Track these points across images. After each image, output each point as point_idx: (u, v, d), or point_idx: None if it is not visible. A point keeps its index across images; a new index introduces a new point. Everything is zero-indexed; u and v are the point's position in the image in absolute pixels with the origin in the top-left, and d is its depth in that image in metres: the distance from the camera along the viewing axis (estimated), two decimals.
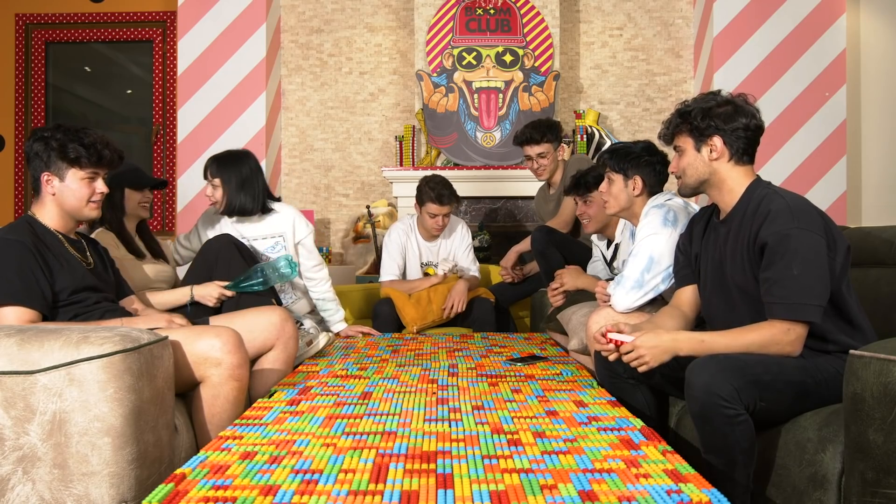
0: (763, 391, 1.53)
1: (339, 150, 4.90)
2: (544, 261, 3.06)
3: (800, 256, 1.58)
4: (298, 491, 1.15)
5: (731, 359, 1.57)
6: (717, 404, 1.49)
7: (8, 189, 5.04)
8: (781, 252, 1.60)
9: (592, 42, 4.84)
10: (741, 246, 1.71)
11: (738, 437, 1.50)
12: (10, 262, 1.76)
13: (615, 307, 2.17)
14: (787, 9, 4.35)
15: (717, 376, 1.51)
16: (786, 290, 1.58)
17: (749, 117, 1.74)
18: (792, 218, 1.61)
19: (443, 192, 3.22)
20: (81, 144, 1.88)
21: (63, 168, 1.89)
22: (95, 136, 1.93)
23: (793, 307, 1.58)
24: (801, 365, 1.60)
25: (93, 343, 1.43)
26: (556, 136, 3.34)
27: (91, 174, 1.92)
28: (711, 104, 1.76)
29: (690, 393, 1.55)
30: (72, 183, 1.90)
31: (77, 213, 1.94)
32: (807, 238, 1.59)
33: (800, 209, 1.64)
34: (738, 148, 1.75)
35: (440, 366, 2.26)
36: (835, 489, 1.40)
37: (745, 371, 1.53)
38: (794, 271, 1.58)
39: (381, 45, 4.88)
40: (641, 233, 2.17)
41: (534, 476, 1.21)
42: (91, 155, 1.89)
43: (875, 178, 4.46)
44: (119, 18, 5.00)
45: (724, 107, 1.75)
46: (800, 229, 1.60)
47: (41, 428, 1.40)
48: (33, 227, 1.88)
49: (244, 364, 1.83)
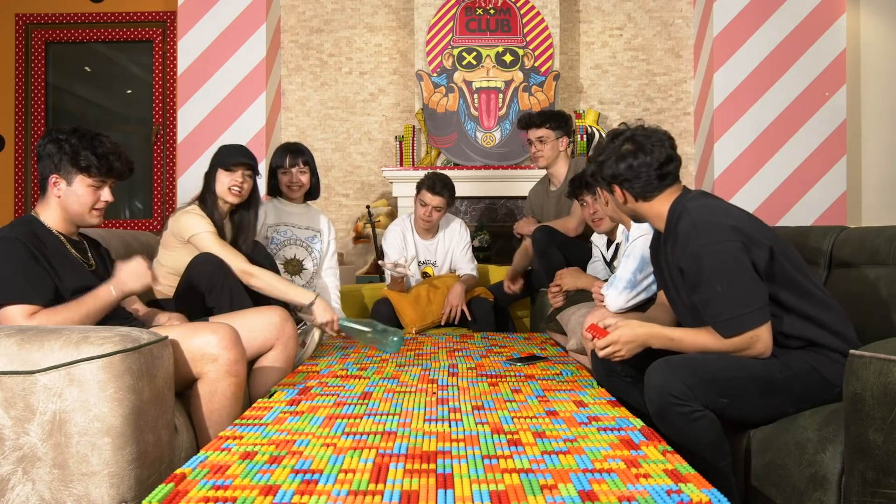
0: (723, 388, 1.55)
1: (339, 150, 4.90)
2: (545, 260, 3.04)
3: (716, 272, 1.58)
4: (298, 491, 1.15)
5: (686, 359, 1.61)
6: (671, 403, 1.53)
7: (8, 189, 5.04)
8: (697, 273, 1.61)
9: (592, 42, 4.84)
10: (674, 271, 1.75)
11: (698, 432, 1.53)
12: (12, 260, 1.76)
13: (609, 307, 2.18)
14: (787, 9, 4.34)
15: (669, 376, 1.55)
16: (718, 308, 1.59)
17: (648, 154, 1.71)
18: (697, 235, 1.61)
19: (436, 182, 3.23)
20: (94, 153, 1.88)
21: (72, 173, 1.89)
22: (109, 145, 1.93)
23: (731, 322, 1.58)
24: (765, 361, 1.61)
25: (93, 343, 1.43)
26: (559, 124, 3.25)
27: (98, 182, 1.92)
28: (603, 157, 1.77)
29: (647, 395, 1.59)
30: (78, 188, 1.90)
31: (79, 219, 1.94)
32: (716, 251, 1.58)
33: (703, 223, 1.62)
34: (644, 185, 1.73)
35: (440, 366, 2.26)
36: (835, 489, 1.40)
37: (698, 370, 1.56)
38: (717, 288, 1.58)
39: (381, 45, 4.88)
40: (634, 234, 2.19)
41: (534, 476, 1.21)
42: (102, 165, 1.89)
43: (875, 178, 4.46)
44: (119, 18, 4.99)
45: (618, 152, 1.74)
46: (707, 245, 1.59)
47: (41, 428, 1.40)
48: (34, 227, 1.88)
49: (241, 360, 1.83)
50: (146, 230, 4.72)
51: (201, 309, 2.26)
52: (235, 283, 2.32)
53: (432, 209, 3.26)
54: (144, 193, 5.11)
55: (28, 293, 1.76)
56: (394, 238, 3.39)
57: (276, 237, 2.97)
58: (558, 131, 3.25)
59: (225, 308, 2.24)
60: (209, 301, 2.26)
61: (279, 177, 3.01)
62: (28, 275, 1.77)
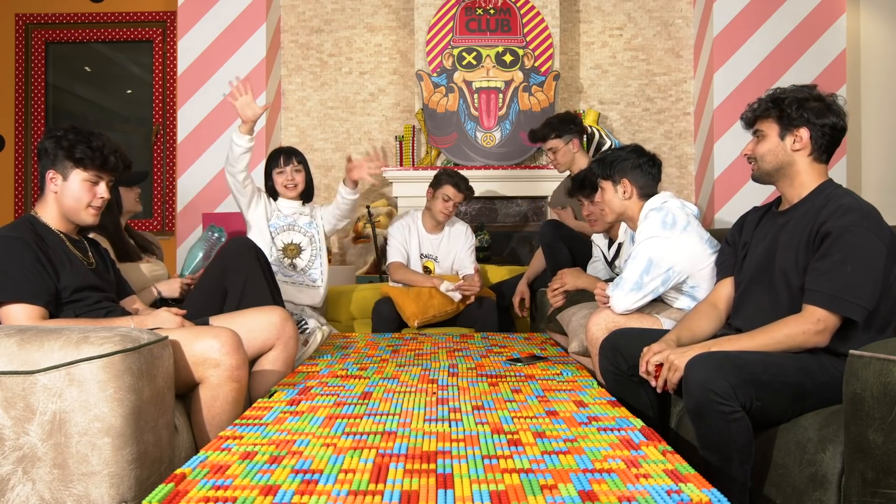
0: (760, 390, 1.53)
1: (339, 150, 4.90)
2: (551, 254, 3.05)
3: (857, 254, 1.58)
4: (298, 491, 1.15)
5: (730, 356, 1.57)
6: (713, 401, 1.49)
7: (8, 189, 5.04)
8: (840, 245, 1.60)
9: (592, 42, 4.84)
10: (800, 234, 1.71)
11: (734, 434, 1.50)
12: (13, 259, 1.77)
13: (614, 309, 2.17)
14: (787, 9, 4.35)
15: (713, 373, 1.51)
16: (833, 283, 1.58)
17: (838, 117, 1.74)
18: (862, 217, 1.61)
19: (461, 180, 3.41)
20: (89, 147, 1.89)
21: (68, 167, 1.89)
22: (105, 141, 1.94)
23: (835, 300, 1.57)
24: (803, 366, 1.59)
25: (93, 343, 1.43)
26: (563, 130, 3.28)
27: (94, 177, 1.92)
28: (805, 95, 1.76)
29: (687, 388, 1.55)
30: (74, 183, 1.90)
31: (75, 216, 1.93)
32: (869, 239, 1.59)
33: (871, 213, 1.64)
34: (822, 144, 1.75)
35: (440, 366, 2.26)
36: (835, 489, 1.40)
37: (742, 369, 1.53)
38: (847, 266, 1.57)
39: (381, 45, 4.88)
40: (640, 235, 2.18)
41: (534, 476, 1.21)
42: (96, 158, 1.90)
43: (875, 178, 4.46)
44: (119, 18, 4.99)
45: (817, 102, 1.74)
46: (865, 229, 1.59)
47: (41, 428, 1.40)
48: (34, 226, 1.88)
49: (243, 365, 1.82)
50: (146, 230, 4.72)
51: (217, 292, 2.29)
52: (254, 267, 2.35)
53: (453, 203, 3.40)
54: (144, 193, 5.09)
55: (29, 293, 1.76)
56: (397, 233, 3.46)
57: (276, 222, 3.06)
58: (566, 136, 3.29)
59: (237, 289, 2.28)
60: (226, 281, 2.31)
61: (274, 178, 3.08)
62: (29, 274, 1.77)
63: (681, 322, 1.92)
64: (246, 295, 2.33)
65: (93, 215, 1.94)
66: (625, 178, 2.27)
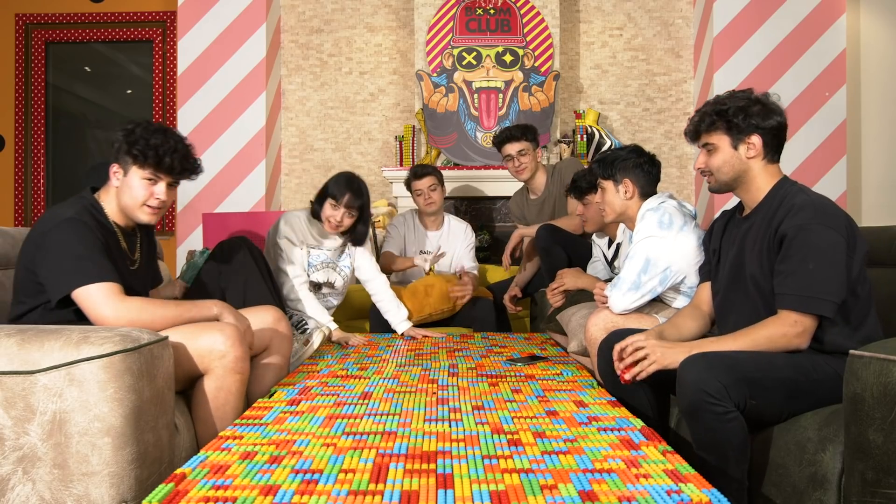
0: (753, 388, 1.53)
1: (339, 150, 4.90)
2: (548, 258, 3.06)
3: (817, 251, 1.59)
4: (298, 491, 1.15)
5: (722, 356, 1.57)
6: (706, 401, 1.50)
7: (8, 189, 5.04)
8: (798, 245, 1.61)
9: (592, 42, 4.84)
10: (761, 238, 1.72)
11: (729, 434, 1.51)
12: (82, 240, 1.75)
13: (612, 308, 2.17)
14: (787, 9, 4.35)
15: (705, 373, 1.52)
16: (799, 283, 1.59)
17: (780, 115, 1.76)
18: (815, 214, 1.62)
19: (418, 168, 3.43)
20: (147, 144, 1.86)
21: (128, 163, 1.88)
22: (169, 140, 1.88)
23: (805, 300, 1.58)
24: (795, 363, 1.60)
25: (93, 343, 1.43)
26: (534, 136, 3.40)
27: (151, 175, 1.88)
28: (745, 101, 1.76)
29: (680, 389, 1.56)
30: (132, 180, 1.88)
31: (131, 213, 1.91)
32: (826, 234, 1.60)
33: (824, 207, 1.65)
34: (772, 146, 1.77)
35: (440, 366, 2.26)
36: (835, 489, 1.40)
37: (734, 368, 1.53)
38: (809, 265, 1.58)
39: (381, 45, 4.88)
40: (638, 235, 2.18)
41: (534, 476, 1.21)
42: (150, 156, 1.86)
43: (875, 178, 4.46)
44: (119, 18, 4.99)
45: (758, 105, 1.75)
46: (821, 225, 1.61)
47: (41, 428, 1.40)
48: (94, 215, 1.86)
49: (245, 358, 1.84)
50: None
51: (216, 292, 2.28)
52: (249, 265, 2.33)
53: (427, 191, 3.39)
54: None
55: (106, 270, 1.74)
56: (395, 229, 3.49)
57: (311, 260, 2.89)
58: (534, 143, 3.40)
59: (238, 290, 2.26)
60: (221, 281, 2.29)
61: (326, 205, 2.81)
62: (98, 254, 1.75)
63: (667, 321, 1.95)
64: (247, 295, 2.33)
65: (149, 214, 1.90)
66: (627, 177, 2.27)
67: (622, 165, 2.28)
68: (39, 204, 5.05)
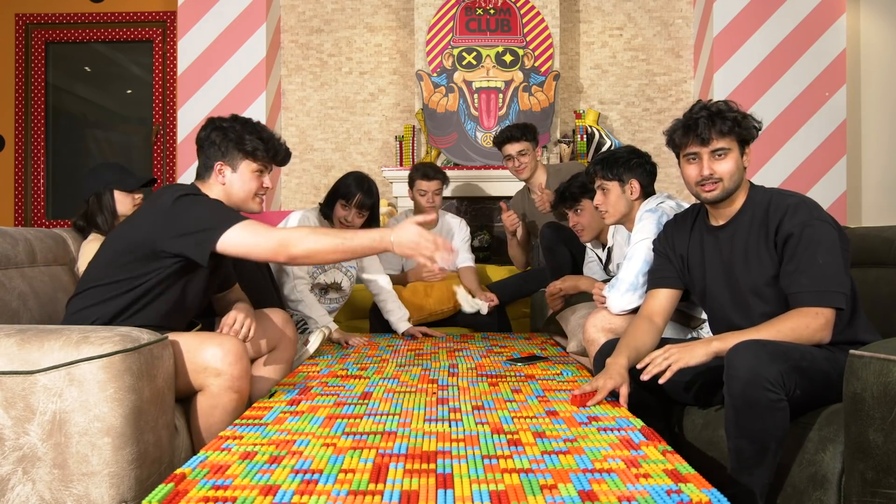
0: (801, 378, 1.49)
1: (339, 150, 4.90)
2: (552, 257, 3.05)
3: (823, 246, 1.61)
4: (298, 491, 1.15)
5: (775, 343, 1.53)
6: (763, 387, 1.43)
7: (8, 189, 5.04)
8: (805, 243, 1.63)
9: (592, 42, 4.84)
10: (755, 244, 1.71)
11: (777, 423, 1.45)
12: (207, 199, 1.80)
13: (611, 309, 2.17)
14: (787, 9, 4.35)
15: (763, 359, 1.45)
16: (812, 279, 1.60)
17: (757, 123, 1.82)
18: (811, 210, 1.66)
19: (428, 168, 3.39)
20: (259, 138, 1.91)
21: (237, 158, 1.91)
22: (271, 133, 1.96)
23: (820, 294, 1.59)
24: (829, 356, 1.58)
25: (93, 343, 1.43)
26: (534, 136, 3.39)
27: (262, 167, 1.94)
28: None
29: (733, 374, 1.47)
30: (244, 174, 1.91)
31: (243, 205, 1.94)
32: (826, 229, 1.64)
33: (814, 204, 1.69)
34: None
35: (440, 366, 2.26)
36: (835, 489, 1.40)
37: (787, 356, 1.49)
38: (819, 260, 1.60)
39: (381, 45, 4.88)
40: (637, 236, 2.17)
41: (534, 476, 1.21)
42: (269, 149, 1.92)
43: (875, 178, 4.46)
44: (119, 18, 5.00)
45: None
46: (818, 219, 1.64)
47: (41, 428, 1.40)
48: None
49: (245, 376, 1.76)
50: None
51: None
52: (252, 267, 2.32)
53: (432, 194, 3.38)
54: (144, 193, 5.11)
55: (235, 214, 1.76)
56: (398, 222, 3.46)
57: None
58: (534, 142, 3.40)
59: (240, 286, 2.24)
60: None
61: (337, 206, 2.83)
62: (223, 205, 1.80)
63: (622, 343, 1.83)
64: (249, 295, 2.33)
65: (259, 203, 1.97)
66: (633, 177, 2.26)
67: (627, 166, 2.27)
68: (39, 204, 5.05)
